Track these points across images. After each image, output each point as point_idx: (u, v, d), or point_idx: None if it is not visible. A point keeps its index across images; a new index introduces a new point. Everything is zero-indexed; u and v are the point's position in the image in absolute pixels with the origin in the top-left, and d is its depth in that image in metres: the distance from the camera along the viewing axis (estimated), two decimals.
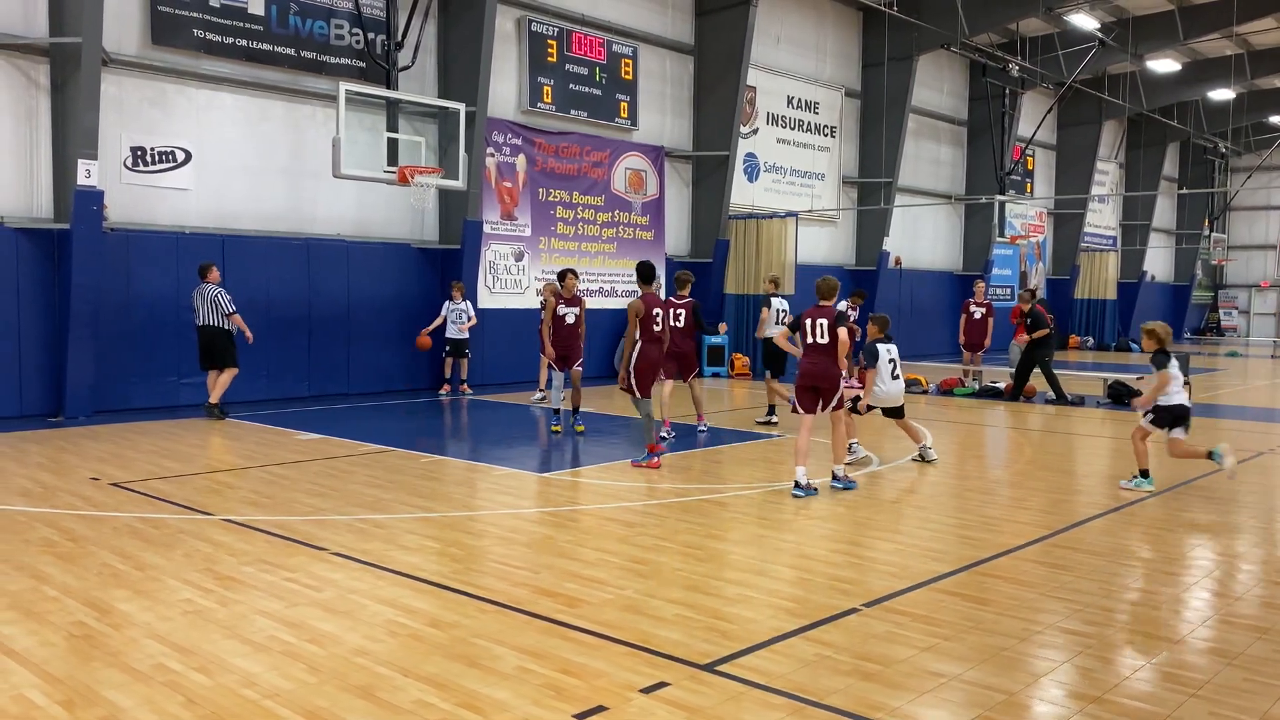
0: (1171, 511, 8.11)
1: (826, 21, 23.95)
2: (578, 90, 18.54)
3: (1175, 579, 6.25)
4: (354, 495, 8.29)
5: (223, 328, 12.56)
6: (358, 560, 6.30)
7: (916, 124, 26.35)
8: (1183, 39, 26.66)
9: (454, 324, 15.66)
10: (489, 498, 8.50)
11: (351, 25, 15.33)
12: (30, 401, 12.59)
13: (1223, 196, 41.47)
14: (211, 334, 12.56)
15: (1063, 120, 32.83)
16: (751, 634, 5.02)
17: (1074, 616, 5.40)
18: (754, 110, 22.13)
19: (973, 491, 8.89)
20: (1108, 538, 7.19)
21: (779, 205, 22.36)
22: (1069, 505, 8.39)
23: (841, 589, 5.82)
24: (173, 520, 7.33)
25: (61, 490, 8.31)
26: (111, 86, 12.97)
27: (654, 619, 5.24)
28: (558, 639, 4.91)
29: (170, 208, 13.77)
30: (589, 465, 10.03)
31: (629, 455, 10.77)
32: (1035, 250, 33.24)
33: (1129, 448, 9.61)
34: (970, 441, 12.23)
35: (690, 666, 4.57)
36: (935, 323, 28.06)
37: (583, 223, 19.00)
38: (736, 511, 7.89)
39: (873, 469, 9.85)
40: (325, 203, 15.40)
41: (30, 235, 12.49)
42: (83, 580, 5.81)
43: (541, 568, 6.20)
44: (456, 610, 5.34)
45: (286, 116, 14.91)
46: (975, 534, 7.22)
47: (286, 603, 5.44)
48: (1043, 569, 6.30)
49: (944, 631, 5.09)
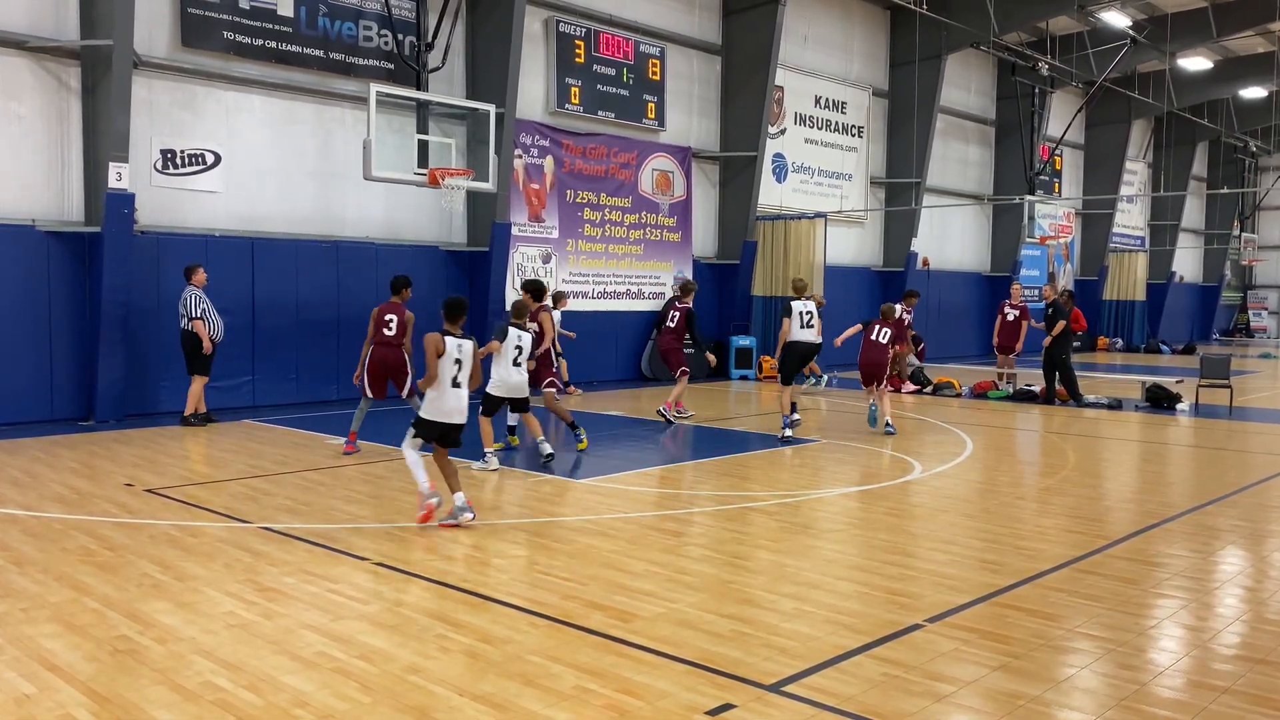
0: (1215, 519, 7.88)
1: (854, 21, 23.73)
2: (605, 91, 18.40)
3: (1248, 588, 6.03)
4: (391, 502, 8.16)
5: (190, 332, 12.16)
6: (401, 570, 6.17)
7: (944, 124, 26.08)
8: (1215, 36, 26.28)
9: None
10: (527, 505, 8.35)
11: (380, 27, 15.24)
12: (61, 405, 12.54)
13: (1253, 196, 40.93)
14: (182, 339, 12.28)
15: (1091, 119, 32.44)
16: (814, 652, 4.84)
17: (1152, 632, 5.19)
18: (782, 110, 21.93)
19: (1023, 500, 8.68)
20: (1173, 548, 6.97)
21: (807, 206, 22.15)
22: (1122, 514, 8.17)
23: (900, 603, 5.64)
24: (211, 528, 7.22)
25: (96, 496, 8.21)
26: (142, 89, 12.91)
27: (711, 635, 5.07)
28: (615, 656, 4.75)
29: (200, 210, 13.72)
30: (626, 472, 9.86)
31: (666, 461, 10.62)
32: (1063, 251, 32.87)
33: (1171, 452, 9.37)
34: (1012, 446, 12.00)
35: (755, 687, 4.40)
36: (963, 324, 27.78)
37: (610, 224, 18.85)
38: (782, 520, 7.71)
39: (914, 475, 9.64)
40: (354, 205, 15.31)
41: (61, 238, 12.45)
42: (124, 591, 5.70)
43: (589, 579, 6.04)
44: (507, 624, 5.19)
45: (315, 118, 14.83)
46: (1030, 544, 7.01)
47: (332, 616, 5.30)
48: (1108, 582, 6.09)
49: (1014, 649, 4.90)
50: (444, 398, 7.24)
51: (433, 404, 7.25)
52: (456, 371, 7.29)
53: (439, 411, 7.26)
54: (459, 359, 7.29)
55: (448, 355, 7.23)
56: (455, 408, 7.30)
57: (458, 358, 7.29)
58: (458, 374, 7.30)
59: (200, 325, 12.14)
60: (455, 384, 7.29)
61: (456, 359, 7.28)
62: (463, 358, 7.31)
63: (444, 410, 7.26)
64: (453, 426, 7.35)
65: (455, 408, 7.30)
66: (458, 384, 7.30)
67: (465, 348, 7.33)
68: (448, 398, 7.25)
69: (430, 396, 7.26)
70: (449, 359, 7.24)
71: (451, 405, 7.27)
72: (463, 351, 7.31)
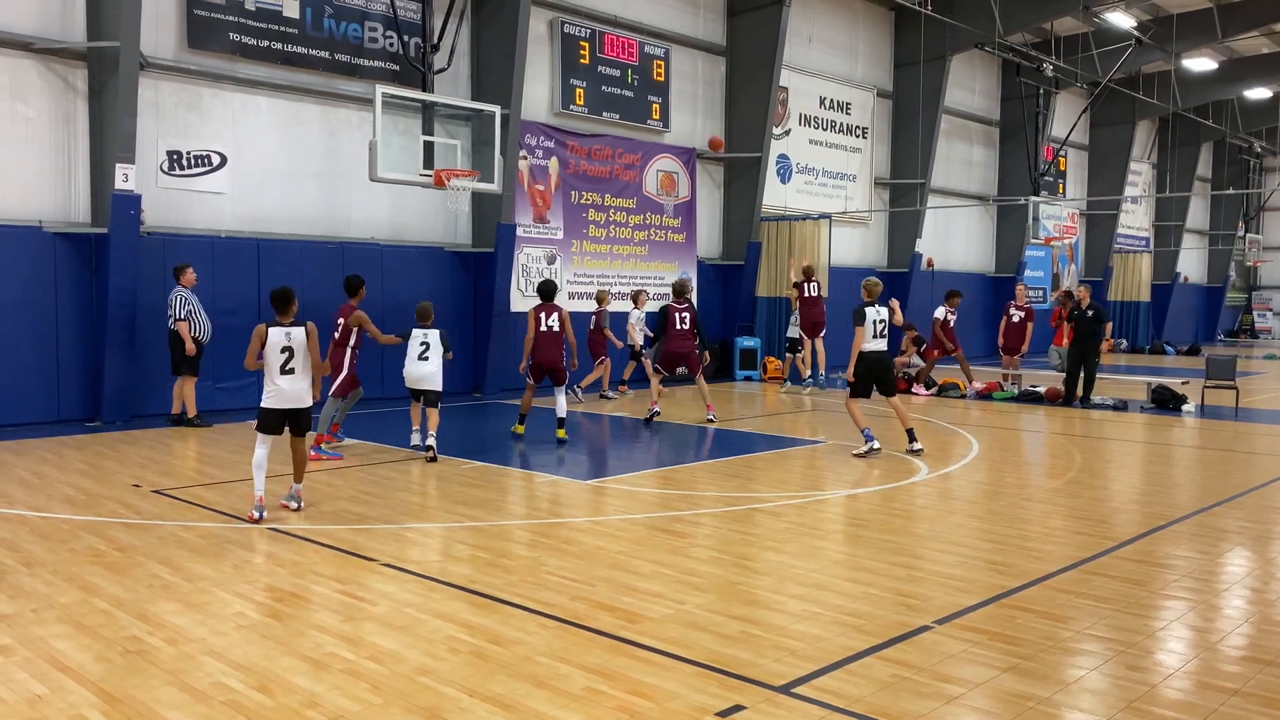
0: (1222, 521, 7.88)
1: (859, 21, 23.72)
2: (610, 92, 18.41)
3: (1255, 590, 6.03)
4: (399, 503, 8.18)
5: (176, 332, 12.17)
6: (410, 572, 6.18)
7: (949, 124, 26.06)
8: (1221, 37, 26.24)
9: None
10: (536, 505, 8.36)
11: (385, 28, 15.26)
12: (67, 405, 12.57)
13: (1258, 197, 40.86)
14: (169, 339, 12.30)
15: (1095, 120, 32.41)
16: (823, 653, 4.85)
17: (1160, 633, 5.19)
18: (786, 111, 21.93)
19: (1030, 501, 8.67)
20: (1180, 549, 6.97)
21: (811, 207, 22.14)
22: (1129, 515, 8.17)
23: (909, 604, 5.64)
24: (219, 529, 7.23)
25: (105, 497, 8.23)
26: (148, 90, 12.94)
27: (719, 636, 5.08)
28: (624, 658, 4.76)
29: (205, 211, 13.74)
30: (633, 473, 9.87)
31: (672, 461, 10.62)
32: (1068, 252, 32.84)
33: (1177, 453, 9.36)
34: (1018, 448, 11.99)
35: (765, 688, 4.40)
36: (968, 325, 27.70)
37: (614, 225, 18.86)
38: (788, 521, 7.71)
39: (919, 477, 9.64)
40: (359, 206, 15.34)
41: (68, 239, 12.48)
42: (133, 592, 5.71)
43: (597, 580, 6.05)
44: (517, 626, 5.20)
45: (321, 119, 14.85)
46: (1038, 546, 7.01)
47: (342, 617, 5.31)
48: (1116, 583, 6.09)
49: (1023, 651, 4.90)
50: (274, 385, 7.47)
51: (266, 392, 7.51)
52: (286, 359, 7.48)
53: (271, 399, 7.49)
54: (289, 347, 7.50)
55: (273, 344, 7.43)
56: (289, 393, 7.50)
57: (287, 345, 7.49)
58: (288, 361, 7.49)
59: (184, 326, 12.10)
60: (287, 370, 7.49)
61: (286, 347, 7.49)
62: (293, 345, 7.51)
63: (277, 397, 7.48)
64: (289, 412, 7.54)
65: (289, 393, 7.50)
66: (289, 370, 7.49)
67: (294, 335, 7.53)
68: (279, 384, 7.47)
69: (265, 386, 7.51)
70: (275, 348, 7.44)
71: (284, 391, 7.48)
72: (292, 339, 7.52)
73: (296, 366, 7.53)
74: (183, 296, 12.18)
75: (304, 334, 7.57)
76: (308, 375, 7.61)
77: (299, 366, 7.54)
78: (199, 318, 12.29)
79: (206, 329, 12.40)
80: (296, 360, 7.53)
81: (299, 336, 7.55)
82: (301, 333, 7.56)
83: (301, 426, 7.66)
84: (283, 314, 7.58)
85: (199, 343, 12.27)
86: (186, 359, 12.20)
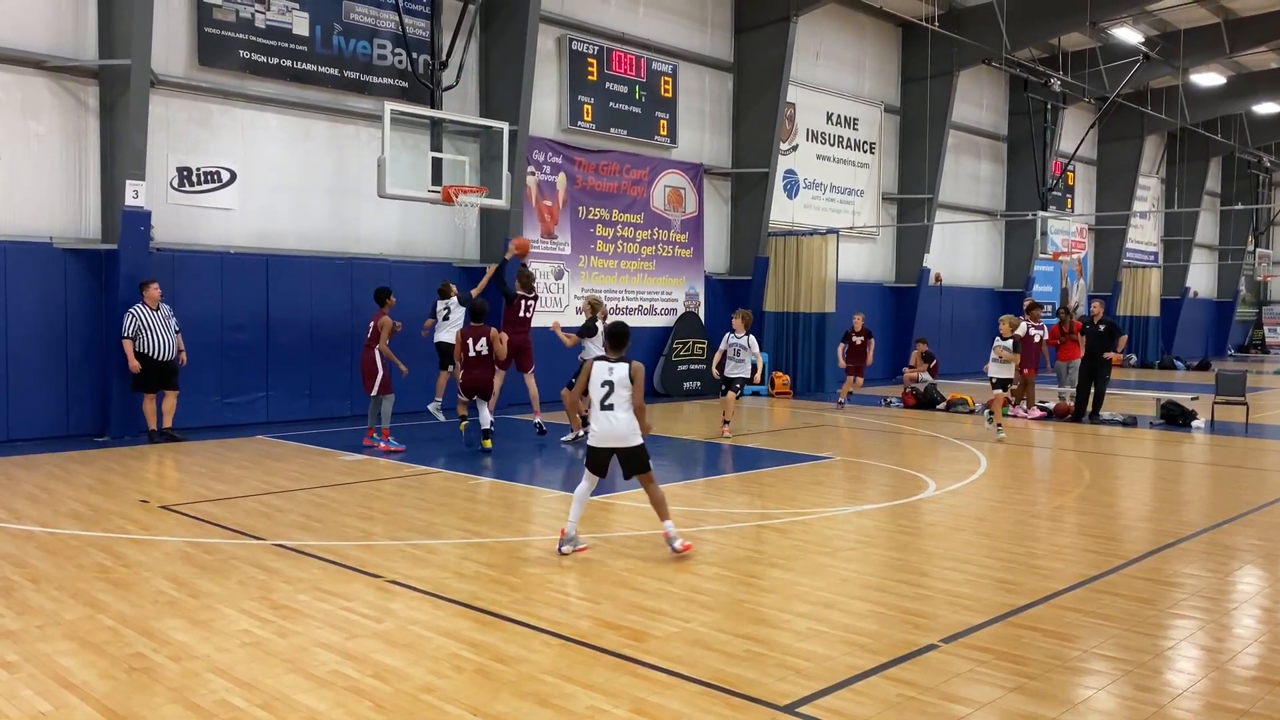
0: (1232, 538, 7.82)
1: (866, 37, 23.79)
2: (617, 108, 18.48)
3: (1266, 608, 5.98)
4: (405, 519, 8.17)
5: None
6: (415, 589, 6.17)
7: (956, 140, 26.09)
8: (1228, 52, 26.25)
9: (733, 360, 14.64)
10: (541, 522, 8.35)
11: (394, 45, 15.36)
12: (76, 421, 12.61)
13: (1267, 212, 40.76)
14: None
15: (1104, 135, 32.39)
16: (829, 672, 4.82)
17: (1169, 653, 5.15)
18: (793, 127, 21.98)
19: (1038, 518, 8.63)
20: (1189, 567, 6.92)
21: (819, 222, 22.16)
22: (1138, 533, 8.12)
23: (915, 623, 5.61)
24: (225, 545, 7.24)
25: (112, 513, 8.25)
26: (159, 107, 13.03)
27: (724, 655, 5.05)
28: (628, 676, 4.74)
29: (215, 228, 13.81)
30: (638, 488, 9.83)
31: (678, 478, 10.60)
32: (1076, 267, 32.76)
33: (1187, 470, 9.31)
34: (1027, 464, 11.94)
35: (770, 708, 4.38)
36: (976, 340, 27.65)
37: (622, 240, 18.90)
38: (795, 538, 7.69)
39: (927, 494, 9.60)
40: (368, 222, 15.40)
41: (78, 255, 12.55)
42: (138, 609, 5.72)
43: (602, 598, 6.03)
44: (521, 643, 5.19)
45: (330, 136, 14.94)
46: (1046, 564, 6.97)
47: (346, 634, 5.31)
48: (1125, 602, 6.05)
49: (1031, 670, 4.87)
50: (594, 419, 7.24)
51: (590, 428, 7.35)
52: (606, 394, 7.12)
53: (593, 437, 7.27)
54: (609, 381, 7.14)
55: (596, 377, 7.16)
56: (605, 433, 7.16)
57: (608, 380, 7.15)
58: (607, 396, 7.12)
59: (128, 345, 11.97)
60: (606, 406, 7.17)
61: (606, 381, 7.14)
62: (614, 380, 7.13)
63: (597, 436, 7.22)
64: (613, 451, 7.22)
65: (605, 433, 7.16)
66: (608, 406, 7.16)
67: (617, 371, 7.15)
68: (597, 419, 7.19)
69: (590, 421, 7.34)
70: (596, 381, 7.16)
71: (600, 430, 7.19)
72: (614, 375, 7.16)
73: (616, 403, 7.10)
74: (131, 314, 12.00)
75: (626, 371, 7.10)
76: (627, 412, 7.11)
77: (619, 403, 7.10)
78: (154, 335, 12.02)
79: (163, 347, 12.10)
80: (617, 396, 7.09)
81: (621, 373, 7.10)
82: (624, 370, 7.11)
83: (633, 467, 7.19)
84: (616, 349, 7.22)
85: (155, 360, 12.07)
86: (134, 376, 12.06)
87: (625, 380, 7.06)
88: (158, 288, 12.25)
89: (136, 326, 12.02)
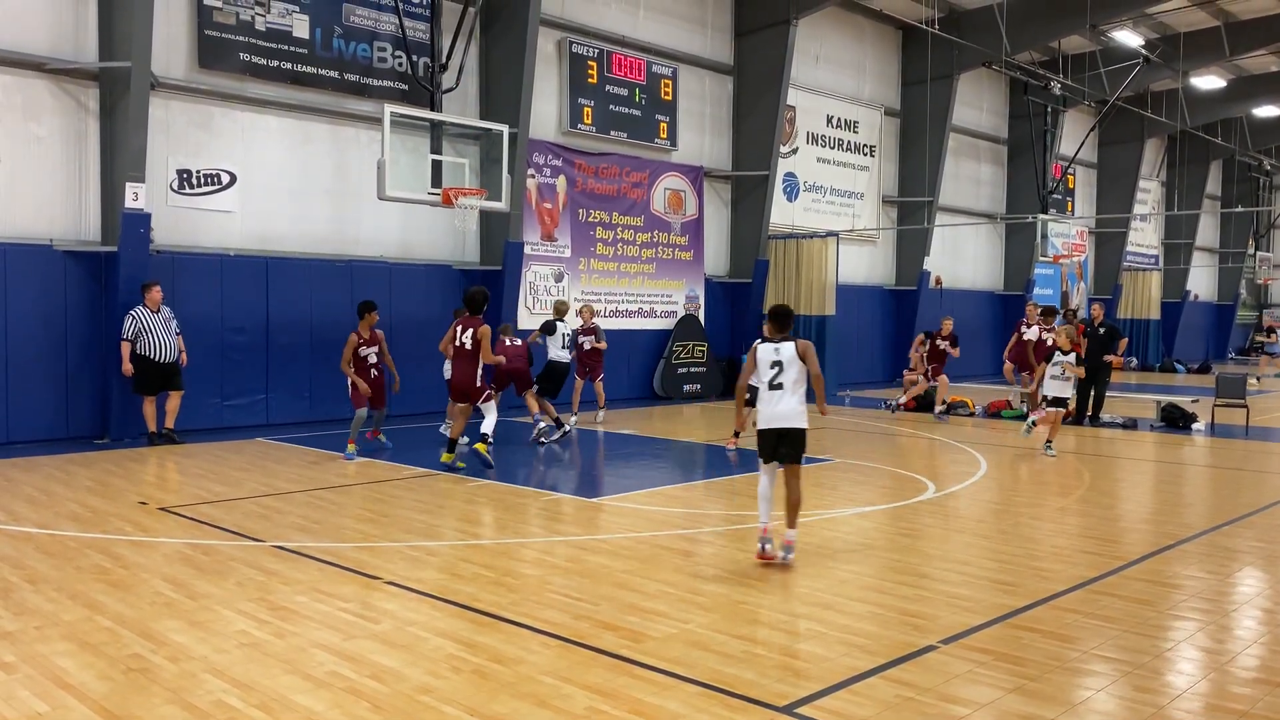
0: (1231, 540, 7.81)
1: (866, 40, 23.80)
2: (617, 111, 18.49)
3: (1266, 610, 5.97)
4: (403, 521, 8.16)
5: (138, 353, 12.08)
6: (413, 590, 6.16)
7: (956, 142, 26.09)
8: (1228, 55, 26.25)
9: None
10: (540, 524, 8.34)
11: (394, 48, 15.37)
12: (76, 423, 12.60)
13: (1268, 215, 40.75)
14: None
15: (1104, 138, 32.37)
16: (827, 673, 4.81)
17: (1169, 654, 5.14)
18: (793, 129, 21.98)
19: (1038, 520, 8.62)
20: (1189, 569, 6.91)
21: (819, 225, 22.16)
22: (1138, 535, 8.11)
23: (914, 624, 5.60)
24: (223, 547, 7.23)
25: (111, 515, 8.25)
26: (159, 110, 13.04)
27: (723, 656, 5.05)
28: (626, 677, 4.73)
29: (215, 230, 13.81)
30: (638, 490, 9.85)
31: (678, 480, 10.60)
32: (1077, 270, 32.75)
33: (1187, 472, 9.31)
34: (1026, 466, 11.93)
35: (768, 709, 4.37)
36: (976, 343, 27.65)
37: (622, 243, 18.90)
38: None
39: (927, 496, 9.59)
40: (368, 225, 15.40)
41: (78, 257, 12.55)
42: (136, 610, 5.71)
43: (600, 599, 6.02)
44: (519, 645, 5.18)
45: (330, 139, 14.94)
46: (1045, 565, 6.96)
47: (344, 635, 5.30)
48: (1124, 603, 6.04)
49: (1029, 672, 4.86)
50: (761, 401, 7.15)
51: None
52: (776, 374, 7.01)
53: (762, 419, 7.17)
54: (778, 361, 7.03)
55: (763, 359, 7.12)
56: (773, 413, 7.06)
57: (777, 360, 7.05)
58: (777, 375, 7.00)
59: (125, 347, 12.00)
60: (775, 386, 7.06)
61: (776, 361, 7.05)
62: (782, 360, 7.00)
63: (765, 417, 7.12)
64: (778, 433, 7.02)
65: (773, 413, 7.06)
66: (778, 385, 7.04)
67: (784, 350, 7.03)
68: (764, 400, 7.12)
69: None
70: (765, 362, 7.11)
71: (768, 411, 7.10)
72: (781, 354, 7.03)
73: (785, 382, 6.90)
74: (131, 316, 12.04)
75: (793, 349, 6.92)
76: (795, 394, 6.91)
77: (788, 382, 6.90)
78: (155, 338, 12.05)
79: (165, 349, 12.14)
80: (786, 375, 6.91)
81: (788, 351, 6.94)
82: (791, 348, 6.92)
83: (790, 452, 6.92)
84: (780, 329, 7.05)
85: (157, 363, 12.10)
86: (135, 378, 12.09)
87: (794, 358, 6.92)
88: (159, 290, 12.28)
89: (137, 329, 12.04)
